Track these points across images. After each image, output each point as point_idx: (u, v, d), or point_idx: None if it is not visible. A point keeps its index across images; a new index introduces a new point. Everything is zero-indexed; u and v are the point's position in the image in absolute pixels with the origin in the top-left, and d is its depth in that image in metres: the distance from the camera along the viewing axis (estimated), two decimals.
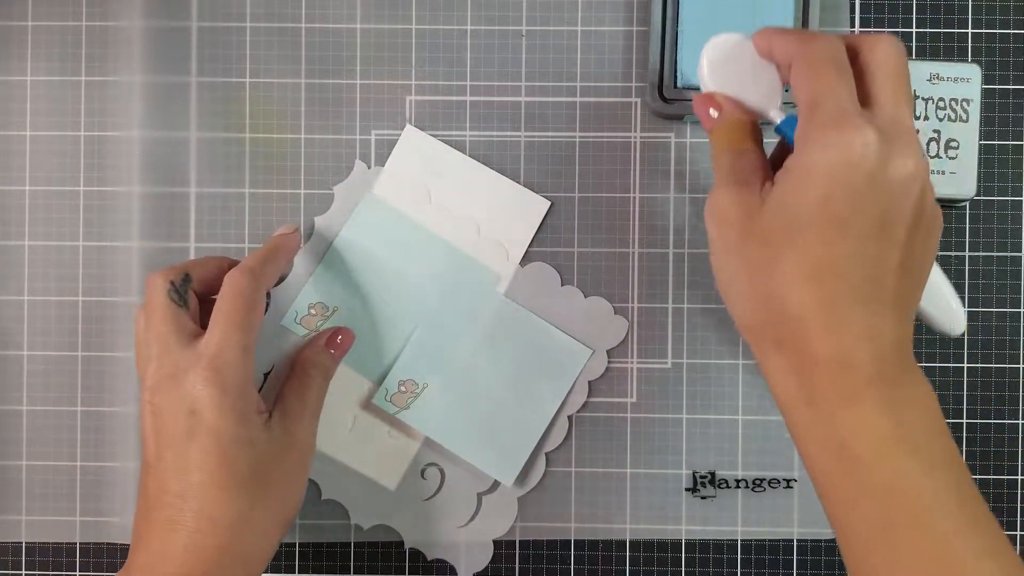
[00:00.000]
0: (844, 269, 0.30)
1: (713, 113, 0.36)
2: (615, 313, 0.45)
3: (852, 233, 0.30)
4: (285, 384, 0.42)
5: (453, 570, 0.46)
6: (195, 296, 0.41)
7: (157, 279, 0.40)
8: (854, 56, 0.33)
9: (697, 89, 0.43)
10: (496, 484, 0.46)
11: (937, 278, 0.39)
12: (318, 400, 0.43)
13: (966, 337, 0.45)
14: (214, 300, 0.42)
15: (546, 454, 0.45)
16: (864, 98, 0.32)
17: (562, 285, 0.45)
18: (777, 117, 0.36)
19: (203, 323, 0.40)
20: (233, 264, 0.42)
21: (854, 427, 0.30)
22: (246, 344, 0.39)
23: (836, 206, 0.30)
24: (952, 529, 0.29)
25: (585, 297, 0.45)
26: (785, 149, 0.36)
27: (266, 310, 0.44)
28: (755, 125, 0.36)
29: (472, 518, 0.46)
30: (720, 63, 0.36)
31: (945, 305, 0.39)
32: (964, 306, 0.45)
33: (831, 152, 0.30)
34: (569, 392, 0.45)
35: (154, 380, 0.38)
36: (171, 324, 0.39)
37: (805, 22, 0.44)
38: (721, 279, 0.34)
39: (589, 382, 0.45)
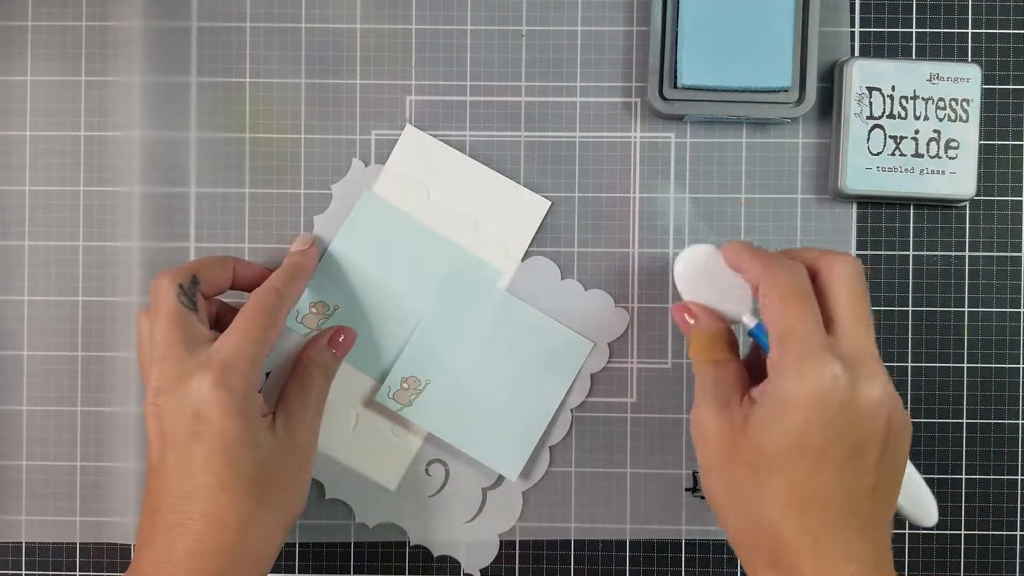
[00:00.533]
0: (825, 497, 0.33)
1: (689, 320, 0.39)
2: (616, 305, 0.46)
3: (829, 462, 0.33)
4: (287, 384, 0.42)
5: (454, 569, 0.46)
6: (202, 298, 0.41)
7: (165, 281, 0.39)
8: (814, 276, 0.36)
9: (698, 89, 0.44)
10: (500, 479, 0.46)
11: (916, 480, 0.39)
12: (320, 400, 0.43)
13: (966, 337, 0.45)
14: (218, 301, 0.42)
15: (548, 451, 0.45)
16: (827, 321, 0.35)
17: (562, 279, 0.45)
18: (750, 322, 0.38)
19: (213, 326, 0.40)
20: (238, 263, 0.42)
21: None
22: (257, 356, 0.39)
23: (813, 436, 0.32)
24: None
25: (585, 290, 0.45)
26: (758, 352, 0.39)
27: None
28: (730, 333, 0.38)
29: (477, 514, 0.46)
30: (692, 275, 0.39)
31: (916, 499, 0.39)
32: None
33: (805, 384, 0.33)
34: (571, 385, 0.45)
35: (159, 382, 0.38)
36: (180, 327, 0.39)
37: (805, 22, 0.44)
38: (711, 497, 0.36)
39: (591, 375, 0.45)
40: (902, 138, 0.44)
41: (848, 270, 0.35)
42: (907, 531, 0.45)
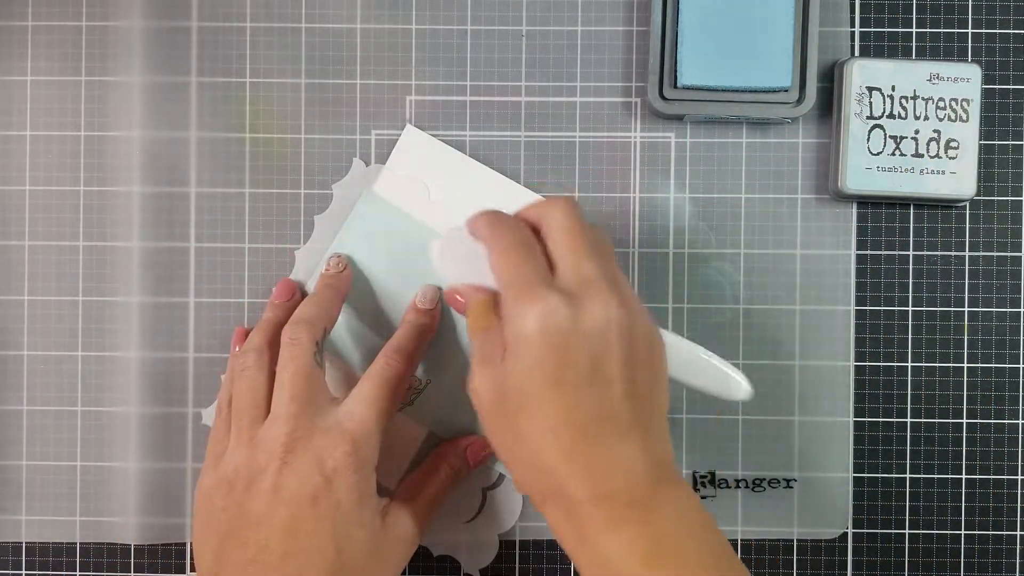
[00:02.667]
0: (575, 418, 0.34)
1: (459, 299, 0.40)
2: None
3: (567, 387, 0.33)
4: (413, 474, 0.44)
5: (454, 569, 0.46)
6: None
7: (306, 337, 0.40)
8: (537, 229, 0.37)
9: (698, 89, 0.44)
10: (500, 479, 0.46)
11: (698, 355, 0.39)
12: (439, 499, 0.43)
13: (966, 337, 0.45)
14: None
15: None
16: (552, 267, 0.36)
17: None
18: None
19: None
20: (340, 296, 0.44)
21: (618, 549, 0.33)
22: (382, 431, 0.40)
23: (546, 368, 0.33)
24: None
25: None
26: None
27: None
28: (498, 301, 0.38)
29: (477, 514, 0.46)
30: (449, 257, 0.39)
31: (718, 376, 0.39)
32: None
33: (527, 323, 0.34)
34: None
35: (291, 438, 0.38)
36: (314, 388, 0.39)
37: (805, 22, 0.44)
38: (498, 454, 0.37)
39: None
40: (902, 138, 0.44)
41: (560, 213, 0.36)
42: (907, 531, 0.45)
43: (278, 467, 0.38)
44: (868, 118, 0.44)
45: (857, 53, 0.46)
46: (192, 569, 0.46)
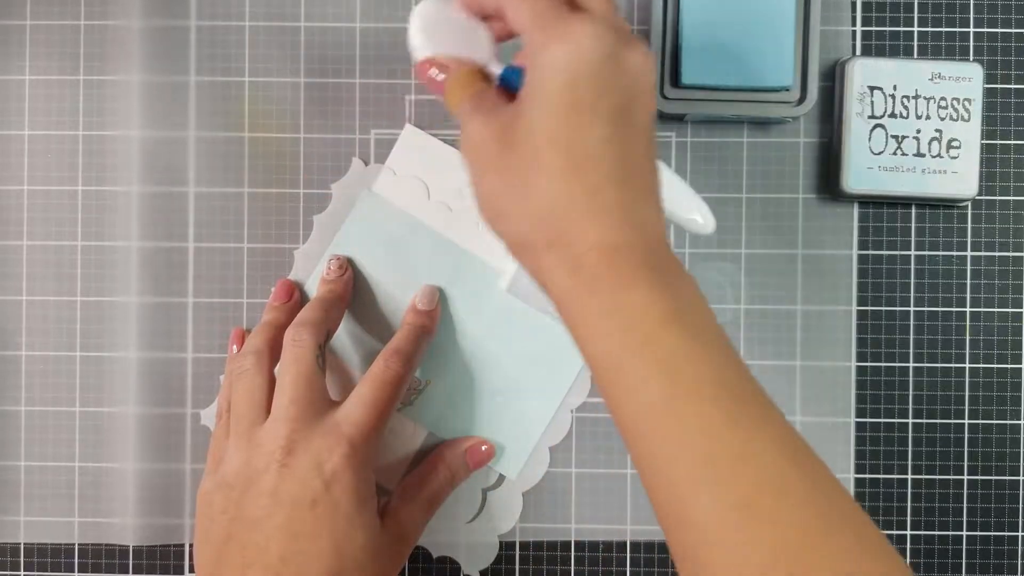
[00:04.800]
0: (599, 153, 0.31)
1: (437, 75, 0.36)
2: None
3: (601, 117, 0.31)
4: (411, 475, 0.43)
5: (454, 570, 0.46)
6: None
7: (309, 340, 0.40)
8: None
9: (698, 89, 0.43)
10: (501, 479, 0.45)
11: (676, 179, 0.39)
12: (437, 501, 0.43)
13: (967, 337, 0.45)
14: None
15: (548, 451, 0.45)
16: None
17: None
18: (497, 69, 0.35)
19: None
20: (343, 300, 0.43)
21: (637, 306, 0.30)
22: (381, 434, 0.40)
23: (581, 92, 0.30)
24: (734, 397, 0.30)
25: None
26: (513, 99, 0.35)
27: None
28: (485, 72, 0.36)
29: (477, 514, 0.46)
30: (432, 28, 0.36)
31: (691, 207, 0.39)
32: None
33: (568, 44, 0.30)
34: (571, 386, 0.45)
35: (290, 441, 0.38)
36: (315, 391, 0.39)
37: (806, 22, 0.44)
38: (486, 207, 0.33)
39: (591, 376, 0.45)
40: (904, 137, 0.43)
41: None
42: (908, 532, 0.45)
43: (277, 470, 0.37)
44: (869, 117, 0.44)
45: (859, 52, 0.45)
46: (191, 570, 0.46)
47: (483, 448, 0.44)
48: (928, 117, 0.44)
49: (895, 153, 0.44)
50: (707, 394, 0.29)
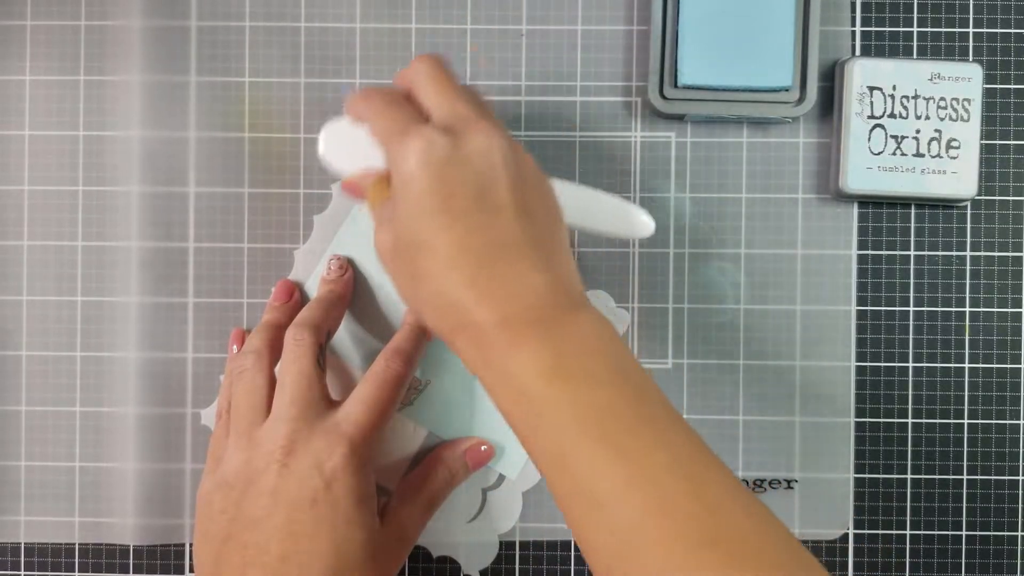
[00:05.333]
0: (467, 244, 0.33)
1: (359, 185, 0.38)
2: (616, 305, 0.45)
3: (456, 214, 0.33)
4: (410, 475, 0.43)
5: (454, 570, 0.46)
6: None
7: (309, 340, 0.40)
8: (408, 92, 0.37)
9: (698, 89, 0.44)
10: (501, 479, 0.45)
11: (595, 195, 0.39)
12: (436, 500, 0.43)
13: (967, 337, 0.45)
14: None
15: None
16: (425, 118, 0.36)
17: None
18: None
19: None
20: (343, 300, 0.44)
21: (522, 367, 0.32)
22: (381, 434, 0.40)
23: (433, 198, 0.33)
24: (624, 430, 0.31)
25: (585, 290, 0.45)
26: None
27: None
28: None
29: (477, 514, 0.46)
30: (335, 150, 0.38)
31: (619, 214, 0.39)
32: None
33: (408, 160, 0.33)
34: None
35: (290, 441, 0.38)
36: (315, 391, 0.39)
37: (806, 22, 0.44)
38: (407, 300, 0.37)
39: None
40: (903, 138, 0.44)
41: (424, 65, 0.36)
42: (908, 532, 0.45)
43: (277, 469, 0.38)
44: (869, 117, 0.44)
45: (858, 52, 0.45)
46: (191, 570, 0.46)
47: (483, 448, 0.44)
48: (927, 117, 0.44)
49: (894, 153, 0.44)
50: (593, 435, 0.31)
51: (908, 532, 0.45)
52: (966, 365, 0.45)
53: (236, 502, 0.38)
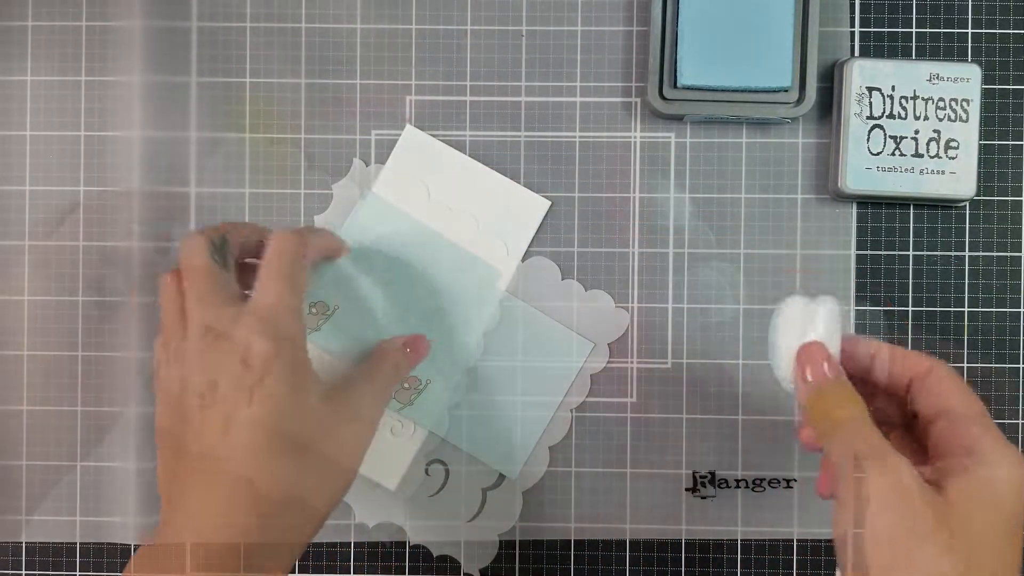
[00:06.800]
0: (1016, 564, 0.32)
1: (823, 370, 0.36)
2: (616, 305, 0.46)
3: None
4: (356, 367, 0.42)
5: (454, 569, 0.46)
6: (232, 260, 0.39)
7: (197, 238, 0.38)
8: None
9: (698, 89, 0.44)
10: (501, 479, 0.46)
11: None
12: (386, 387, 0.42)
13: (966, 337, 0.45)
14: (247, 264, 0.40)
15: (548, 451, 0.45)
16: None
17: (562, 279, 0.46)
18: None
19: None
20: (267, 232, 0.40)
21: None
22: (296, 307, 0.37)
23: (1019, 519, 0.33)
24: None
25: (586, 291, 0.45)
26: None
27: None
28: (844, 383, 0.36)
29: (477, 514, 0.46)
30: (794, 329, 0.37)
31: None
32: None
33: (1015, 470, 0.33)
34: (570, 386, 0.45)
35: (199, 335, 0.36)
36: (216, 284, 0.37)
37: (805, 22, 0.44)
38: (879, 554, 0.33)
39: (591, 375, 0.45)
40: (902, 138, 0.44)
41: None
42: None
43: (203, 371, 0.36)
44: (868, 118, 0.44)
45: (857, 53, 0.46)
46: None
47: (420, 342, 0.44)
48: (926, 118, 0.44)
49: (893, 153, 0.44)
50: None
51: None
52: (965, 365, 0.45)
53: (182, 416, 0.36)
